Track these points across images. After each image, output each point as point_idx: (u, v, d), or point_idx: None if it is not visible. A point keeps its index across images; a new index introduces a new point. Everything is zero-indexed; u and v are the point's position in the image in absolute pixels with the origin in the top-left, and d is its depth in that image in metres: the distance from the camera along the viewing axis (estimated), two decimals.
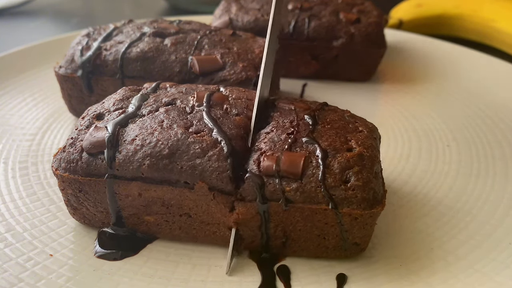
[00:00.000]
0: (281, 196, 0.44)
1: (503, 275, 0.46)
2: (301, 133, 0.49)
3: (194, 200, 0.47)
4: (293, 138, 0.48)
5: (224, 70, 0.67)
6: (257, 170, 0.45)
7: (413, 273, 0.47)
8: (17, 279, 0.45)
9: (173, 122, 0.49)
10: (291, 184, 0.45)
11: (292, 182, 0.45)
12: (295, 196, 0.44)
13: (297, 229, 0.47)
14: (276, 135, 0.48)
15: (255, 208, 0.45)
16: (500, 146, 0.68)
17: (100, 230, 0.52)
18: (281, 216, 0.46)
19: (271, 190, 0.45)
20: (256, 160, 0.46)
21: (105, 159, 0.47)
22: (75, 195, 0.50)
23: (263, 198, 0.45)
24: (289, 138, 0.48)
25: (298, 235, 0.47)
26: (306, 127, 0.49)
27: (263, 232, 0.47)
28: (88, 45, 0.71)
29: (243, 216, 0.46)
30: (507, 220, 0.54)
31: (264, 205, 0.45)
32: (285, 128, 0.49)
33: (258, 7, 0.89)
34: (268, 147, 0.47)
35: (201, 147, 0.46)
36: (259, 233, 0.47)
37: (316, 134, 0.49)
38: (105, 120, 0.51)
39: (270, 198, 0.45)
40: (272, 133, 0.49)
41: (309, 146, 0.47)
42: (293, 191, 0.44)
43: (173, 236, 0.51)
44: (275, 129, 0.49)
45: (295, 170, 0.45)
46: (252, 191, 0.45)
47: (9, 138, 0.69)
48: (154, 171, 0.46)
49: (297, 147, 0.47)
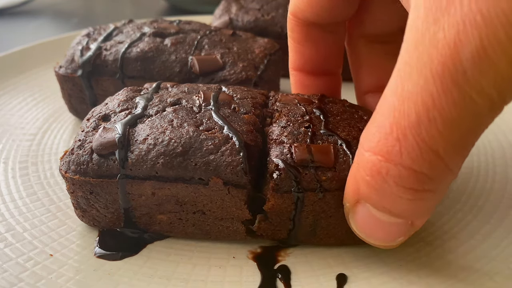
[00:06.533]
0: (317, 185, 0.45)
1: (503, 275, 0.46)
2: (317, 126, 0.50)
3: (209, 196, 0.47)
4: (312, 131, 0.49)
5: (224, 70, 0.67)
6: (291, 161, 0.46)
7: (413, 273, 0.47)
8: (17, 279, 0.45)
9: (183, 121, 0.49)
10: (326, 173, 0.45)
11: (326, 171, 0.45)
12: (331, 184, 0.45)
13: (328, 216, 0.47)
14: (294, 129, 0.49)
15: (291, 198, 0.46)
16: (500, 146, 0.68)
17: (100, 230, 0.52)
18: (315, 204, 0.46)
19: (308, 180, 0.45)
20: (285, 152, 0.46)
21: (117, 159, 0.47)
22: (86, 197, 0.50)
23: (300, 188, 0.45)
24: (308, 131, 0.49)
25: (328, 223, 0.48)
26: (319, 120, 0.51)
27: (294, 221, 0.47)
28: (88, 45, 0.71)
29: (278, 207, 0.46)
30: (507, 220, 0.54)
31: (300, 195, 0.45)
32: (299, 121, 0.50)
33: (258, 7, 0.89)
34: (291, 140, 0.48)
35: (213, 143, 0.47)
36: (289, 223, 0.48)
37: (331, 126, 0.50)
38: (112, 121, 0.51)
39: (307, 188, 0.45)
40: (289, 127, 0.49)
41: (329, 138, 0.48)
42: (328, 180, 0.45)
43: (186, 234, 0.51)
44: (290, 123, 0.50)
45: (328, 159, 0.46)
46: (288, 182, 0.45)
47: (9, 138, 0.69)
48: (169, 169, 0.46)
49: (318, 139, 0.48)
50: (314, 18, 0.52)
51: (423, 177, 0.35)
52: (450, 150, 0.34)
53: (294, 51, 0.57)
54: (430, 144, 0.33)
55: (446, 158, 0.34)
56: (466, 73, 0.30)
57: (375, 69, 0.58)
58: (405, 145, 0.34)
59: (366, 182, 0.38)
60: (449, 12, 0.30)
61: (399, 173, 0.36)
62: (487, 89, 0.30)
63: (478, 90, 0.30)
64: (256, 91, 0.56)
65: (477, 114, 0.32)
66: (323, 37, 0.55)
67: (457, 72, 0.30)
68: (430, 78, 0.32)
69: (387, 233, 0.41)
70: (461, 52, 0.30)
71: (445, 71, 0.31)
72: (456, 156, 0.35)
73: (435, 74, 0.31)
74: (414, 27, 0.33)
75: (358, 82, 0.60)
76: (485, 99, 0.31)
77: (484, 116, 0.32)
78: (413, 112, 0.33)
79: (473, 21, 0.29)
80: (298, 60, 0.57)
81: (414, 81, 0.33)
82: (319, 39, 0.55)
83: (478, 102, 0.31)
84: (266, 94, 0.57)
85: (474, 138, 0.34)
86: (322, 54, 0.56)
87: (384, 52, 0.57)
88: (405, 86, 0.34)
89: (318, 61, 0.57)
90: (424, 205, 0.38)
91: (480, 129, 0.34)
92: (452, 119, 0.32)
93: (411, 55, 0.33)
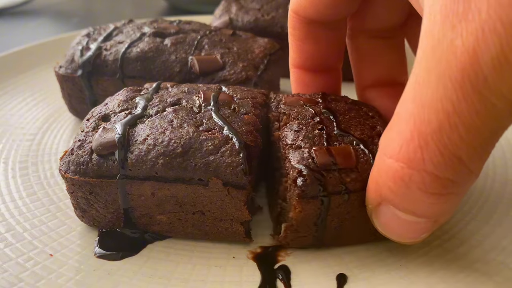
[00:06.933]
0: (342, 187, 0.45)
1: (503, 275, 0.46)
2: (330, 127, 0.49)
3: (209, 196, 0.47)
4: (326, 133, 0.48)
5: (224, 70, 0.67)
6: (314, 166, 0.45)
7: (413, 273, 0.47)
8: (17, 279, 0.45)
9: (183, 121, 0.49)
10: (350, 175, 0.45)
11: (350, 173, 0.45)
12: (355, 186, 0.45)
13: (352, 216, 0.47)
14: (308, 132, 0.49)
15: (317, 203, 0.45)
16: (500, 146, 0.68)
17: (100, 231, 0.52)
18: (340, 206, 0.46)
19: (333, 183, 0.45)
20: (306, 156, 0.46)
21: (116, 160, 0.47)
22: (85, 197, 0.50)
23: (326, 192, 0.45)
24: (323, 133, 0.48)
25: (352, 223, 0.48)
26: (330, 120, 0.50)
27: (319, 226, 0.47)
28: (88, 45, 0.71)
29: (305, 213, 0.46)
30: (506, 220, 0.54)
31: (325, 199, 0.45)
32: (311, 124, 0.50)
33: (258, 7, 0.89)
34: (309, 144, 0.47)
35: (213, 144, 0.47)
36: (315, 228, 0.47)
37: (343, 126, 0.50)
38: (112, 121, 0.51)
39: (332, 191, 0.45)
40: (303, 130, 0.49)
41: (345, 138, 0.48)
42: (353, 181, 0.45)
43: (186, 234, 0.51)
44: (303, 126, 0.50)
45: (350, 160, 0.46)
46: (314, 187, 0.45)
47: (9, 138, 0.69)
48: (168, 170, 0.46)
49: (334, 141, 0.48)
50: (317, 15, 0.52)
51: (447, 182, 0.36)
52: (472, 154, 0.34)
53: (295, 49, 0.57)
54: (453, 150, 0.34)
55: (469, 162, 0.35)
56: (486, 79, 0.30)
57: (375, 64, 0.58)
58: (427, 152, 0.35)
59: (389, 188, 0.39)
60: (466, 19, 0.31)
61: (422, 179, 0.36)
62: (507, 94, 0.31)
63: (499, 96, 0.31)
64: (256, 91, 0.56)
65: (498, 118, 0.32)
66: (324, 34, 0.55)
67: (477, 79, 0.31)
68: (450, 85, 0.32)
69: (411, 231, 0.42)
70: (481, 58, 0.30)
71: (465, 77, 0.31)
72: (478, 159, 0.35)
73: (455, 81, 0.32)
74: (430, 33, 0.33)
75: (358, 77, 0.60)
76: (505, 104, 0.31)
77: (505, 119, 0.33)
78: (433, 119, 0.34)
79: (492, 28, 0.29)
80: (299, 58, 0.57)
81: (433, 88, 0.33)
82: (320, 36, 0.55)
83: (499, 107, 0.32)
84: (266, 94, 0.57)
85: (495, 140, 0.35)
86: (323, 51, 0.56)
87: (385, 47, 0.57)
88: (423, 92, 0.34)
89: (320, 58, 0.57)
90: (447, 206, 0.39)
91: (501, 131, 0.34)
92: (473, 125, 0.32)
93: (428, 61, 0.34)
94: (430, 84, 0.33)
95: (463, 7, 0.31)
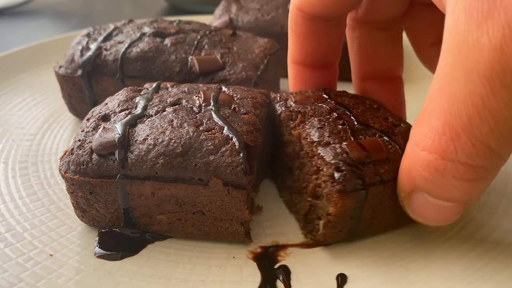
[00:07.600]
0: (378, 178, 0.46)
1: (503, 275, 0.46)
2: (349, 122, 0.50)
3: (209, 196, 0.47)
4: (349, 128, 0.49)
5: (224, 70, 0.67)
6: (349, 160, 0.46)
7: (413, 273, 0.47)
8: (17, 279, 0.45)
9: (183, 121, 0.49)
10: (384, 166, 0.46)
11: (383, 164, 0.46)
12: (389, 176, 0.46)
13: (384, 206, 0.48)
14: (332, 128, 0.49)
15: (355, 197, 0.46)
16: None
17: (100, 231, 0.52)
18: (375, 197, 0.47)
19: (370, 175, 0.46)
20: (339, 151, 0.46)
21: (116, 159, 0.47)
22: (85, 197, 0.50)
23: (364, 184, 0.45)
24: (346, 128, 0.49)
25: (382, 213, 0.48)
26: (347, 115, 0.51)
27: (355, 218, 0.48)
28: (88, 45, 0.71)
29: (345, 207, 0.46)
30: (507, 220, 0.54)
31: (363, 192, 0.46)
32: (331, 120, 0.51)
33: (258, 7, 0.89)
34: (337, 139, 0.48)
35: (213, 144, 0.47)
36: (351, 221, 0.48)
37: (361, 119, 0.51)
38: (112, 121, 0.51)
39: (370, 183, 0.46)
40: (326, 126, 0.50)
41: (367, 131, 0.49)
42: (386, 172, 0.46)
43: (185, 234, 0.51)
44: (325, 122, 0.50)
45: (382, 152, 0.47)
46: (353, 181, 0.45)
47: (9, 138, 0.69)
48: (169, 170, 0.46)
49: (359, 134, 0.49)
50: (324, 11, 0.52)
51: (479, 169, 0.38)
52: (502, 141, 0.36)
53: (295, 45, 0.57)
54: (483, 141, 0.36)
55: (499, 149, 0.37)
56: None
57: (375, 56, 0.59)
58: (459, 144, 0.37)
59: (423, 177, 0.41)
60: (492, 17, 0.32)
61: (456, 168, 0.38)
62: None
63: None
64: (256, 91, 0.56)
65: None
66: (326, 31, 0.55)
67: (505, 75, 0.33)
68: (478, 81, 0.34)
69: (444, 214, 0.44)
70: (508, 55, 0.32)
71: (493, 74, 0.33)
72: (507, 145, 0.37)
73: (483, 78, 0.33)
74: (455, 31, 0.35)
75: (357, 70, 0.61)
76: None
77: None
78: (463, 113, 0.36)
79: None
80: (299, 54, 0.57)
81: (461, 84, 0.35)
82: (322, 32, 0.55)
83: None
84: (266, 94, 0.57)
85: None
86: (324, 47, 0.57)
87: (385, 39, 0.58)
88: (452, 88, 0.36)
89: (320, 54, 0.57)
90: (478, 190, 0.42)
91: None
92: (503, 117, 0.34)
93: (455, 58, 0.35)
94: (458, 81, 0.35)
95: (488, 5, 0.32)
